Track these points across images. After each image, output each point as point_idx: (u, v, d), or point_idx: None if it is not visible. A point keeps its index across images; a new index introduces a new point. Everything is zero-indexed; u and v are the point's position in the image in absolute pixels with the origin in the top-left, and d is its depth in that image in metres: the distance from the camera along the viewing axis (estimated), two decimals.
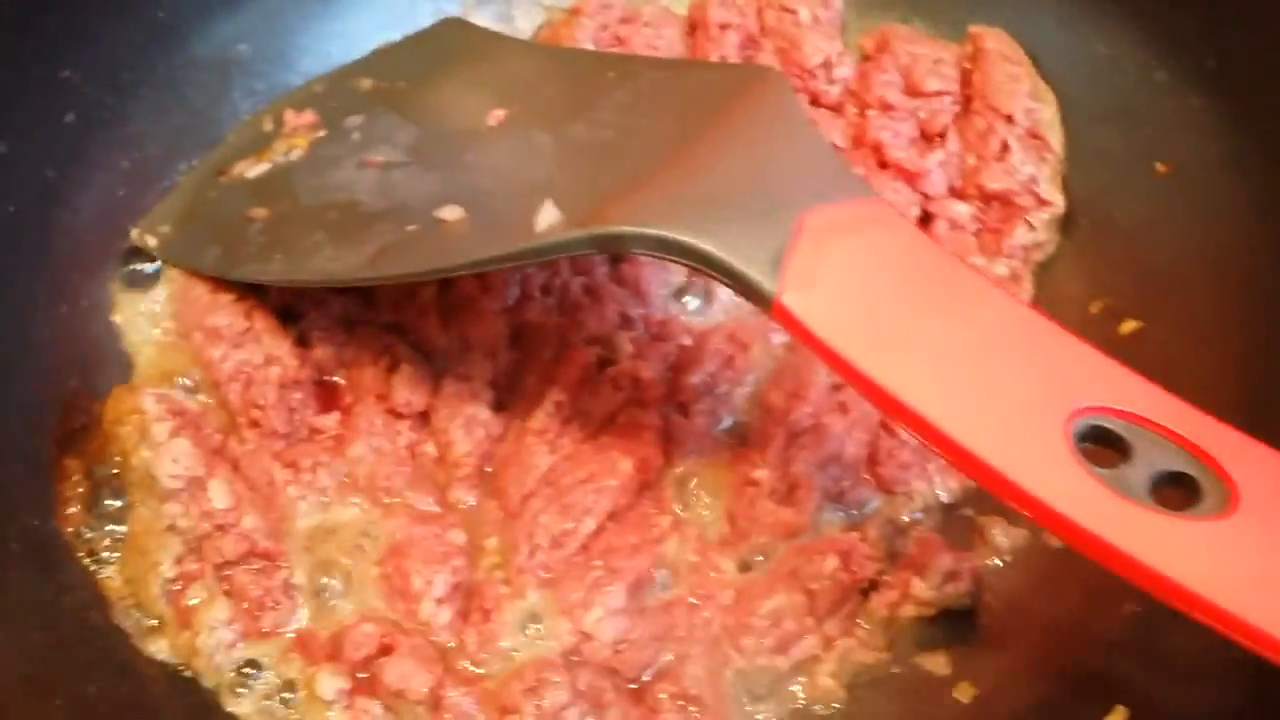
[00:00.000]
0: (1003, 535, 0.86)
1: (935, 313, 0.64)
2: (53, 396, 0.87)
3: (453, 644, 0.81)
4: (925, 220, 0.97)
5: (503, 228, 0.75)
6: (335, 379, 0.92)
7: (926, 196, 0.97)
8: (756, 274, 0.65)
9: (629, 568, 0.82)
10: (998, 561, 0.86)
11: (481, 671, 0.80)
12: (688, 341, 0.92)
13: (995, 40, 0.98)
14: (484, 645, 0.81)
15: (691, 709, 0.79)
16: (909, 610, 0.83)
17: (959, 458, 0.61)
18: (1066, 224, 0.98)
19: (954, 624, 0.84)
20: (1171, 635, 0.73)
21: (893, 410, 0.62)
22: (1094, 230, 0.97)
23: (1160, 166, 0.93)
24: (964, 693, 0.80)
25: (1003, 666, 0.81)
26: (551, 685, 0.78)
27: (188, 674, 0.80)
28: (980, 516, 0.88)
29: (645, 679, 0.81)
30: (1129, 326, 0.91)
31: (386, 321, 0.93)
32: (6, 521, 0.79)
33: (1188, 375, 0.70)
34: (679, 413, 0.90)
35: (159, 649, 0.80)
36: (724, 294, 0.96)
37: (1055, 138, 0.97)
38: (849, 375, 0.63)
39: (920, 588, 0.82)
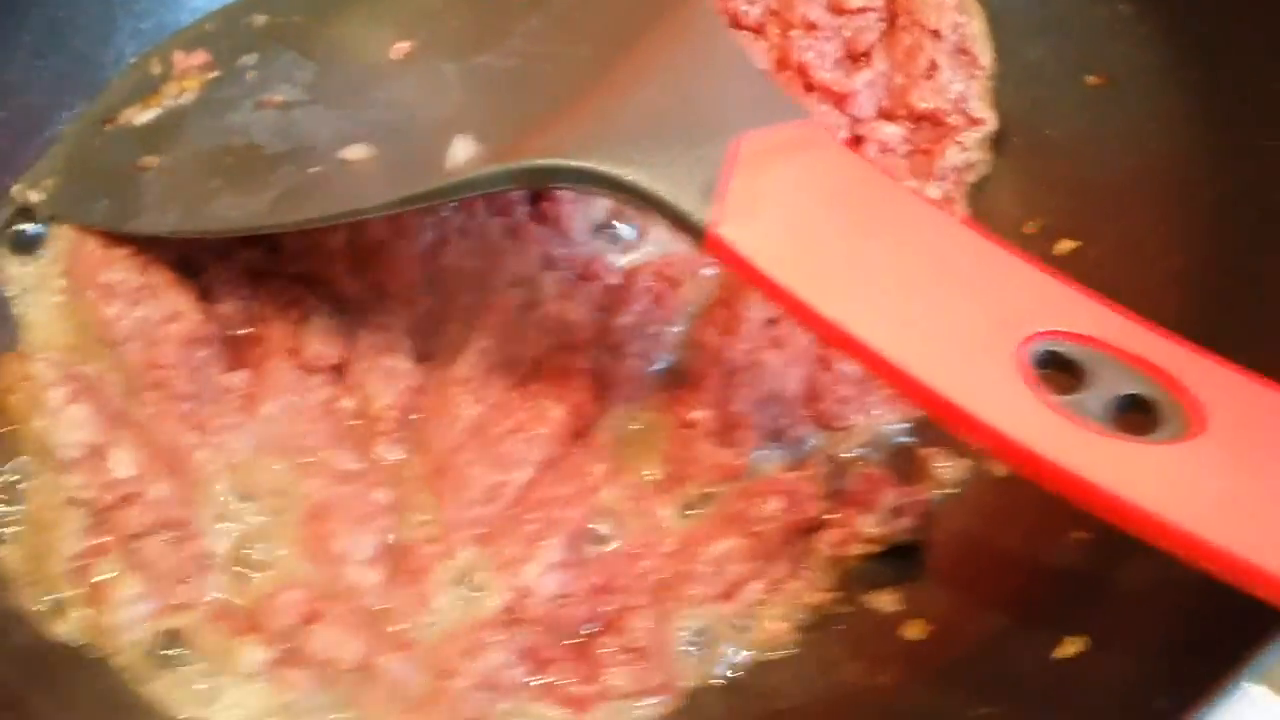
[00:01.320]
0: (947, 467, 0.83)
1: (877, 238, 0.60)
2: None
3: (382, 607, 0.77)
4: (855, 143, 0.94)
5: (414, 166, 0.70)
6: (242, 334, 0.86)
7: (855, 119, 0.94)
8: (687, 205, 0.61)
9: (565, 519, 0.79)
10: (942, 495, 0.83)
11: (415, 635, 0.76)
12: (615, 281, 0.88)
13: None
14: (417, 607, 0.77)
15: (638, 662, 0.76)
16: (855, 549, 0.80)
17: (909, 388, 0.58)
18: (999, 143, 0.95)
19: (901, 561, 0.82)
20: (1124, 562, 0.71)
21: (837, 341, 0.59)
22: (1027, 148, 0.94)
23: (1092, 79, 0.91)
24: (915, 629, 0.78)
25: (953, 601, 0.79)
26: (490, 646, 0.75)
27: (96, 655, 0.75)
28: (923, 449, 0.85)
29: (587, 633, 0.77)
30: (1065, 246, 0.89)
31: (295, 272, 0.88)
32: None
33: (1128, 294, 0.67)
34: (609, 355, 0.86)
35: (64, 630, 0.75)
36: (652, 230, 0.92)
37: (984, 52, 0.94)
38: (790, 306, 0.60)
39: (867, 524, 0.79)
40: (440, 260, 0.88)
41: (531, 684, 0.75)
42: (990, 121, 0.93)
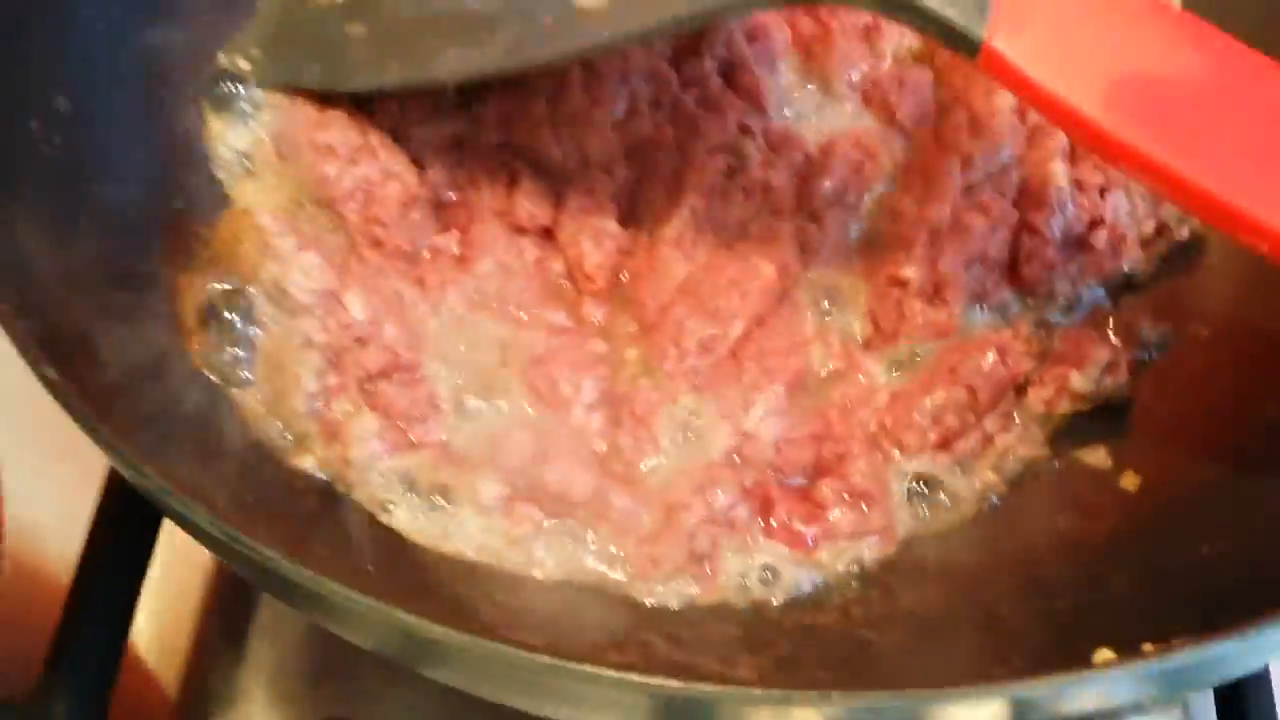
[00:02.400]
0: (1151, 330, 0.84)
1: (1157, 57, 0.61)
2: (155, 219, 0.82)
3: (606, 449, 0.78)
4: None
5: None
6: (450, 197, 0.88)
7: None
8: (962, 19, 0.62)
9: (784, 367, 0.80)
10: (1145, 356, 0.84)
11: (642, 474, 0.78)
12: (812, 150, 0.89)
13: None
14: (640, 449, 0.78)
15: (860, 504, 0.77)
16: (1065, 405, 0.81)
17: (1197, 202, 0.59)
18: None
19: (1108, 419, 0.82)
20: None
21: (1119, 155, 0.60)
22: None
23: None
24: (1129, 481, 0.79)
25: (1164, 456, 0.80)
26: (720, 482, 0.76)
27: (339, 488, 0.76)
28: (1124, 314, 0.86)
29: (809, 477, 0.78)
30: None
31: (498, 141, 0.89)
32: (133, 346, 0.75)
33: None
34: (810, 220, 0.87)
35: (308, 464, 0.76)
36: (840, 103, 0.93)
37: None
38: (1068, 121, 0.60)
39: (1078, 380, 0.80)
40: (636, 130, 0.89)
41: (758, 523, 0.76)
42: None
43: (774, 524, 0.77)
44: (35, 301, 0.66)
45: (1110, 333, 0.85)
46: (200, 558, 0.97)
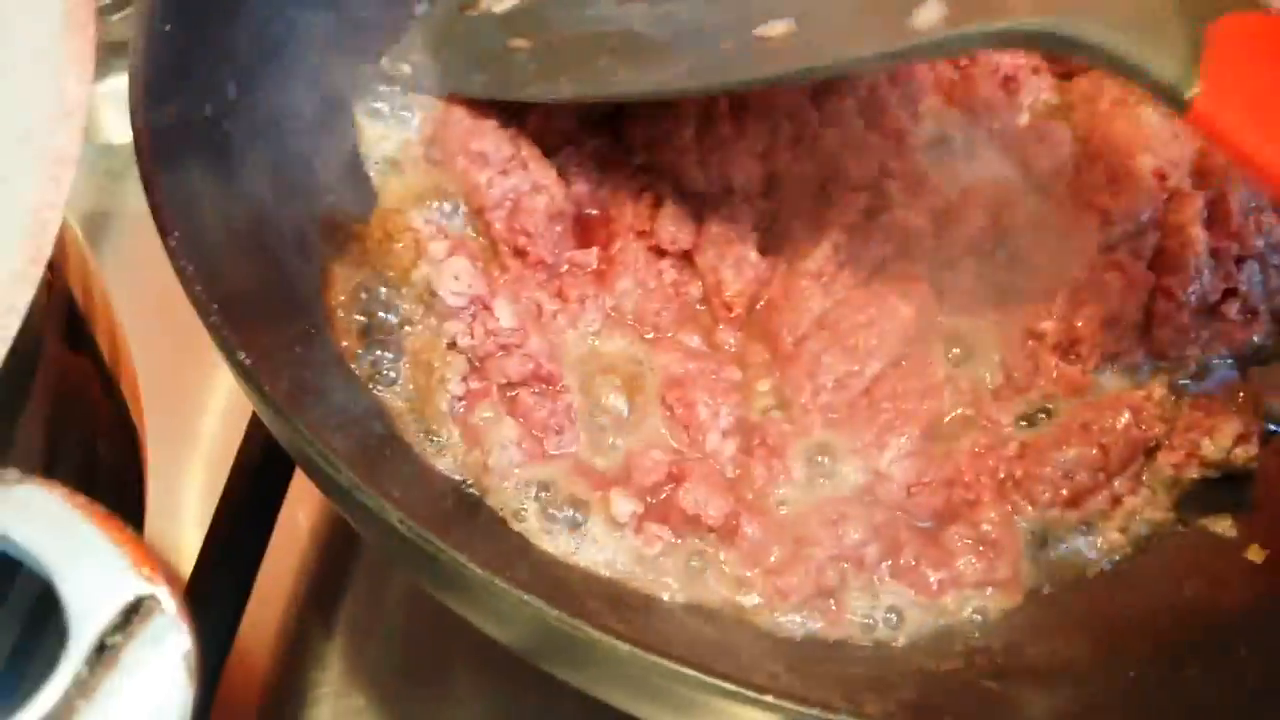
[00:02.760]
0: (1277, 404, 0.84)
1: None
2: (312, 210, 0.84)
3: (738, 476, 0.79)
4: None
5: (866, 30, 0.72)
6: (592, 214, 0.89)
7: None
8: (1170, 75, 0.62)
9: (920, 411, 0.81)
10: (1272, 428, 0.84)
11: (774, 505, 0.78)
12: (952, 195, 0.90)
13: None
14: (773, 479, 0.79)
15: (988, 553, 0.77)
16: (1194, 471, 0.81)
17: None
18: None
19: (1232, 490, 0.82)
20: None
21: None
22: None
23: None
24: (1255, 554, 0.79)
25: None
26: (851, 519, 0.76)
27: (474, 491, 0.77)
28: (1254, 385, 0.86)
29: (938, 522, 0.79)
30: None
31: (642, 162, 0.91)
32: (289, 325, 0.76)
33: None
34: (947, 266, 0.87)
35: (445, 466, 0.77)
36: (978, 151, 0.93)
37: None
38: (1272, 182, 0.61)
39: (1209, 448, 0.80)
40: (776, 163, 0.90)
41: (885, 563, 0.76)
42: None
43: (901, 565, 0.77)
44: (211, 272, 0.67)
45: (1239, 403, 0.85)
46: (299, 552, 0.98)
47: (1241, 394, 0.85)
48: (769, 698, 0.56)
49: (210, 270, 0.67)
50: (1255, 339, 0.88)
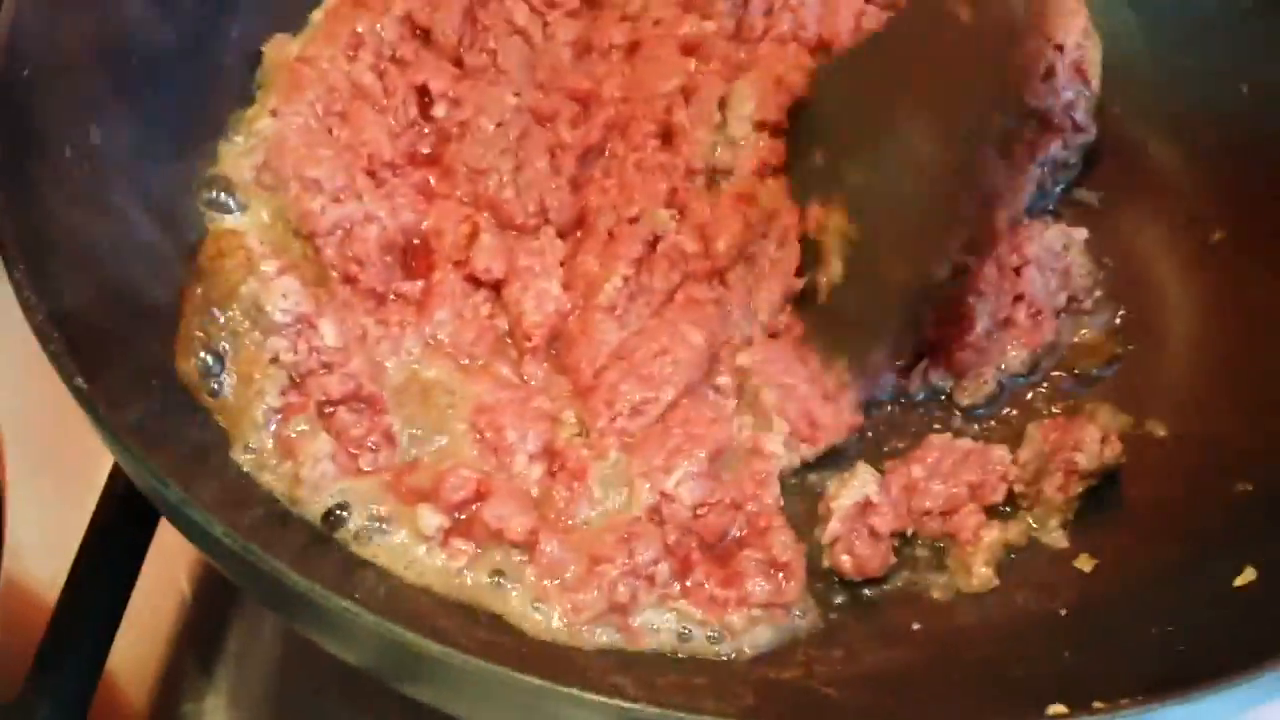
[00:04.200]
0: (1112, 418, 0.89)
1: None
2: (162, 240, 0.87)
3: (542, 498, 0.83)
4: None
5: None
6: (415, 243, 0.93)
7: None
8: None
9: (709, 436, 0.86)
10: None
11: (573, 524, 0.83)
12: (704, 209, 0.94)
13: None
14: (573, 502, 0.83)
15: (778, 575, 0.81)
16: (1077, 487, 0.86)
17: None
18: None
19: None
20: None
21: None
22: (1178, 150, 1.02)
23: (1244, 87, 0.97)
24: (1084, 563, 0.83)
25: (1118, 540, 0.85)
26: (644, 538, 0.80)
27: (287, 505, 0.80)
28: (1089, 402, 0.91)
29: (729, 543, 0.84)
30: (1217, 236, 0.97)
31: (463, 193, 0.95)
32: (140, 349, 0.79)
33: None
34: (721, 284, 0.92)
35: (266, 479, 0.80)
36: None
37: (1095, 79, 1.03)
38: None
39: (1083, 460, 0.85)
40: (588, 195, 0.95)
41: (676, 583, 0.81)
42: (1091, 132, 1.02)
43: (689, 585, 0.81)
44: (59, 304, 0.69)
45: (1083, 414, 0.90)
46: (177, 582, 0.99)
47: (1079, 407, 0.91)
48: (617, 701, 0.60)
49: (55, 299, 0.69)
50: (1048, 338, 0.94)
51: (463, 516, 0.81)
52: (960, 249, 0.92)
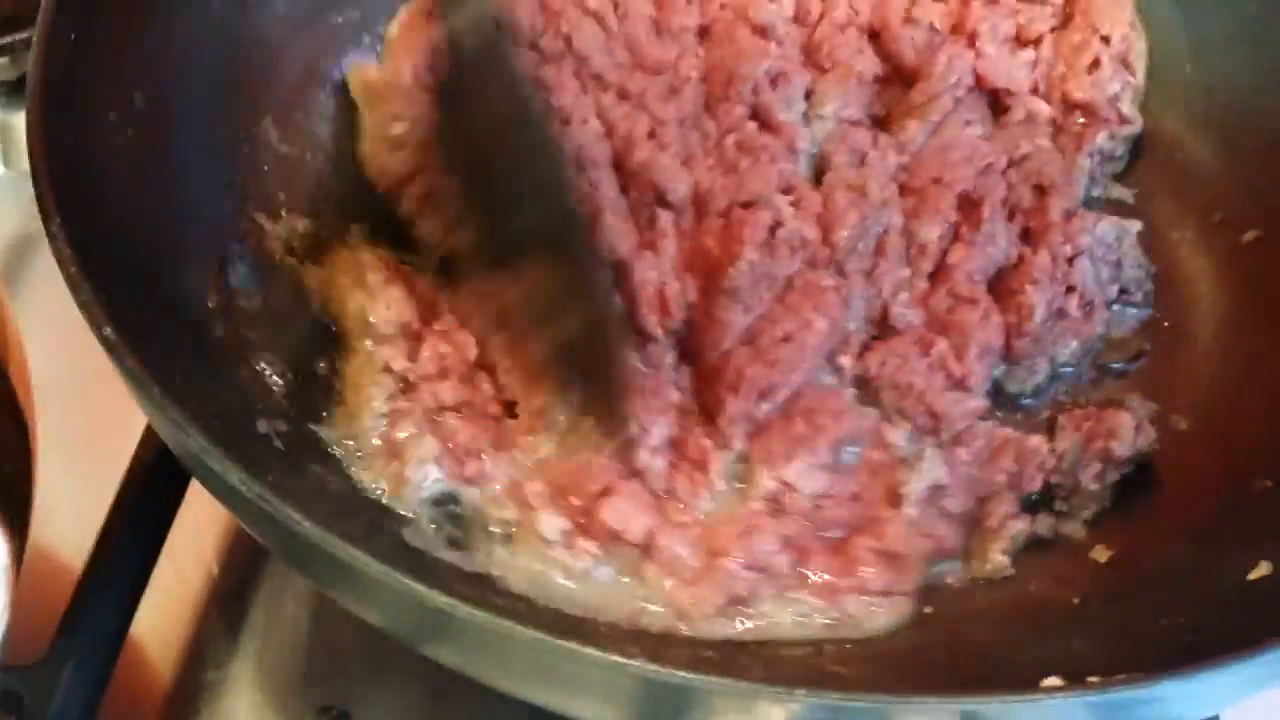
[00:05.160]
0: (1141, 406, 0.88)
1: None
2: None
3: (664, 491, 0.83)
4: (998, 110, 1.02)
5: None
6: None
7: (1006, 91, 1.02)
8: None
9: (832, 426, 0.85)
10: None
11: (692, 517, 0.82)
12: (816, 198, 0.94)
13: None
14: (695, 493, 0.82)
15: (891, 564, 0.81)
16: (1114, 475, 0.85)
17: None
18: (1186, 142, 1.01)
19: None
20: None
21: None
22: (1216, 149, 1.01)
23: None
24: (1100, 554, 0.83)
25: (1135, 532, 0.84)
26: (761, 531, 0.80)
27: (395, 507, 0.81)
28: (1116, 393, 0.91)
29: (845, 533, 0.83)
30: (1250, 235, 0.96)
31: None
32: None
33: None
34: (838, 273, 0.92)
35: (369, 479, 0.81)
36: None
37: (1141, 70, 1.03)
38: None
39: (1119, 447, 0.85)
40: (698, 174, 0.95)
41: (793, 573, 0.80)
42: (1138, 122, 1.01)
43: (808, 574, 0.80)
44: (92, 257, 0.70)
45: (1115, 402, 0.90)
46: (204, 553, 1.00)
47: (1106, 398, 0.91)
48: (613, 657, 0.59)
49: (88, 253, 0.69)
50: (1099, 330, 0.93)
51: (586, 517, 0.80)
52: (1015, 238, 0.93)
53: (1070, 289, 0.93)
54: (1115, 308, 0.95)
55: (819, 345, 0.87)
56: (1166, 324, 0.95)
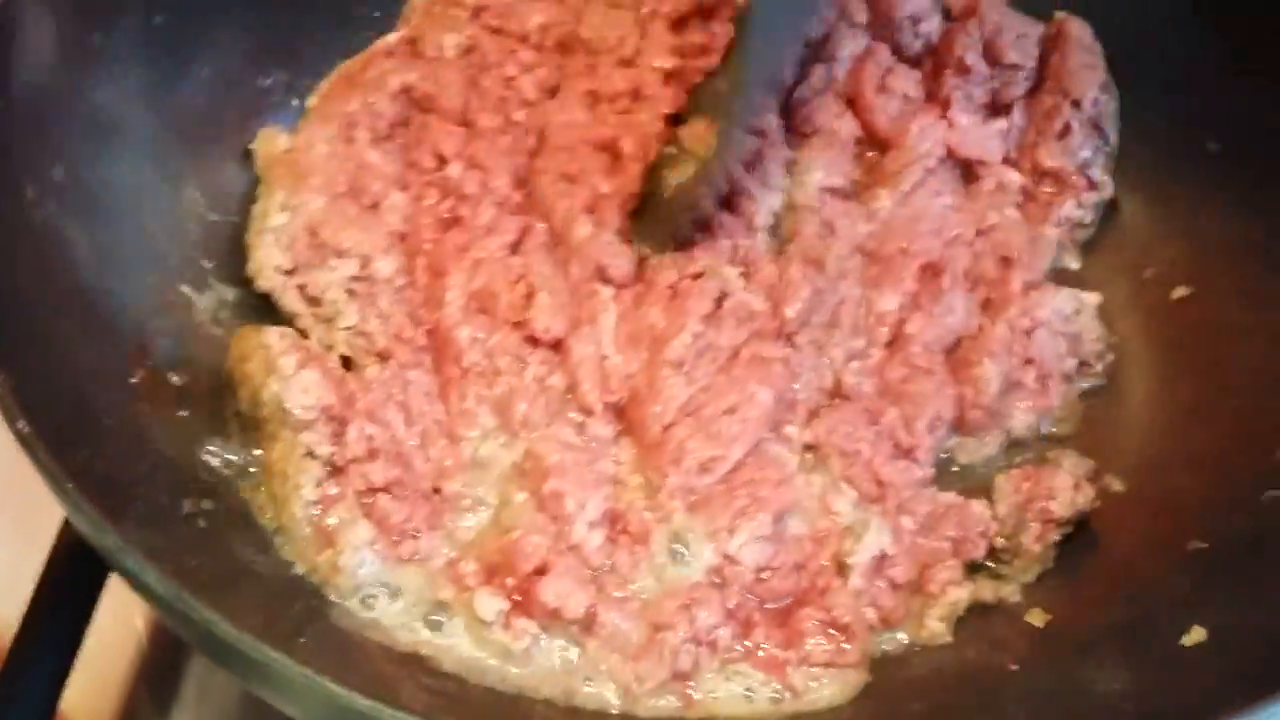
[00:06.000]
0: (1074, 465, 0.89)
1: None
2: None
3: (604, 566, 0.81)
4: (970, 178, 1.01)
5: None
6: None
7: (979, 162, 1.01)
8: None
9: (773, 497, 0.84)
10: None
11: (633, 592, 0.81)
12: (771, 270, 0.94)
13: (1079, 28, 1.03)
14: (635, 567, 0.81)
15: (837, 635, 0.80)
16: (1054, 535, 0.85)
17: None
18: (1118, 199, 1.03)
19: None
20: (1247, 567, 0.77)
21: None
22: (1148, 202, 1.02)
23: (1212, 145, 0.97)
24: (1036, 618, 0.83)
25: (1071, 596, 0.84)
26: (704, 603, 0.79)
27: (327, 593, 0.79)
28: (1050, 451, 0.91)
29: (789, 603, 0.82)
30: (1180, 292, 0.96)
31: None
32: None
33: (1239, 334, 0.84)
34: (789, 344, 0.91)
35: (302, 568, 0.79)
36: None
37: (1113, 132, 1.03)
38: None
39: (1058, 507, 0.85)
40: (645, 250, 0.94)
41: (737, 646, 0.79)
42: (1108, 189, 1.02)
43: (752, 646, 0.79)
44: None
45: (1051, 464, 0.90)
46: (131, 633, 0.98)
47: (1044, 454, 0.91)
48: None
49: (9, 345, 0.69)
50: (1055, 403, 0.93)
51: (521, 598, 0.78)
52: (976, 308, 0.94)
53: (1028, 361, 0.92)
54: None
55: (762, 417, 0.86)
56: (1099, 383, 0.95)
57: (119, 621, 0.95)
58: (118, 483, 0.72)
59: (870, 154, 1.02)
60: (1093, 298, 0.96)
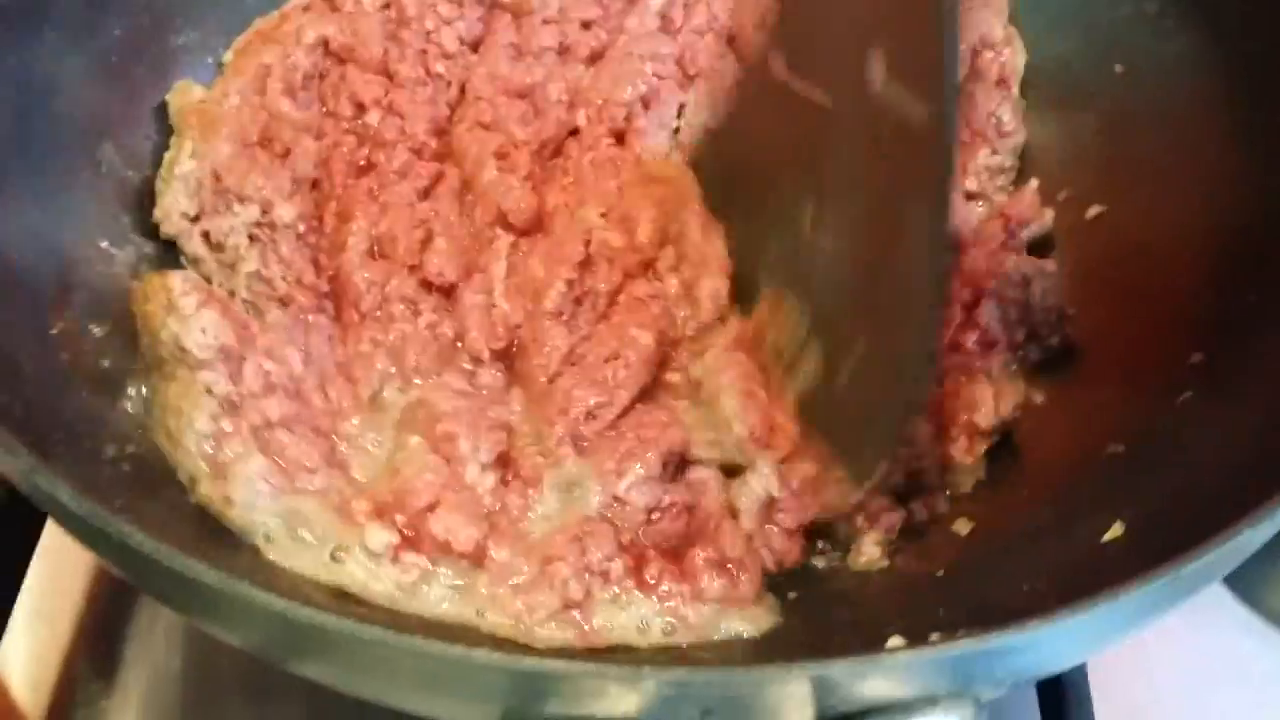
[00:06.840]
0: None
1: None
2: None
3: (495, 507, 0.82)
4: None
5: None
6: None
7: None
8: None
9: (661, 439, 0.84)
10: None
11: (524, 530, 0.81)
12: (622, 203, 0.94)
13: None
14: (526, 509, 0.82)
15: (732, 570, 0.80)
16: (982, 446, 0.87)
17: None
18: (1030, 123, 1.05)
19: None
20: (1162, 465, 0.79)
21: None
22: (1059, 126, 1.04)
23: (1119, 67, 0.99)
24: (961, 526, 0.84)
25: (996, 502, 0.86)
26: (596, 535, 0.79)
27: (230, 525, 0.79)
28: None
29: (680, 544, 0.82)
30: (1094, 210, 0.99)
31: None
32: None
33: (1154, 248, 0.86)
34: (657, 279, 0.92)
35: (195, 496, 0.79)
36: None
37: (1015, 85, 1.05)
38: None
39: (983, 418, 0.86)
40: (545, 195, 0.96)
41: (630, 579, 0.80)
42: (1019, 134, 1.03)
43: (647, 580, 0.80)
44: None
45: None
46: (72, 591, 0.98)
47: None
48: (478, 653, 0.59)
49: None
50: (994, 367, 0.92)
51: (411, 533, 0.79)
52: None
53: (971, 325, 0.92)
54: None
55: (645, 360, 0.87)
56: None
57: (54, 589, 0.95)
58: (39, 425, 0.72)
59: None
60: (1048, 264, 0.96)
